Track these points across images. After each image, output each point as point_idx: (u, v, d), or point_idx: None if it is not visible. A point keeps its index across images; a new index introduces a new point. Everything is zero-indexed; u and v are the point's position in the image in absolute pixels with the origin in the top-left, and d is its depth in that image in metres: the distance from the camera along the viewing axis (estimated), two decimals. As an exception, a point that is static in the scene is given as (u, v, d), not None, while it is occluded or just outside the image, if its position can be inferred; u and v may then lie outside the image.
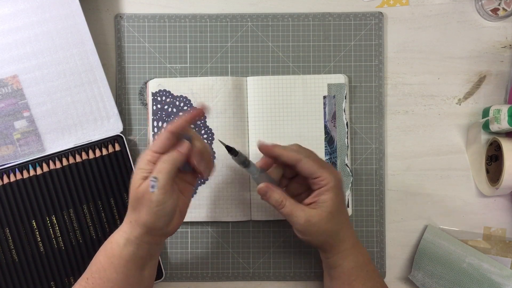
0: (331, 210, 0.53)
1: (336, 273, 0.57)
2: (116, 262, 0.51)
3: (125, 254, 0.51)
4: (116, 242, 0.52)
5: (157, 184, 0.49)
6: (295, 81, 0.66)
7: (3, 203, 0.63)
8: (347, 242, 0.56)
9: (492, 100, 0.68)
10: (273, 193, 0.55)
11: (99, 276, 0.52)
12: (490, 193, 0.65)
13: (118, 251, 0.51)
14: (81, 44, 0.64)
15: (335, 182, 0.54)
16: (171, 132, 0.51)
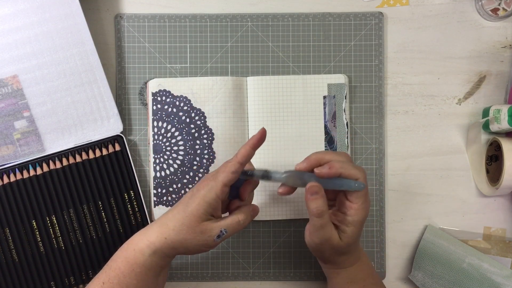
0: (349, 242, 0.53)
1: (331, 284, 0.58)
2: (138, 270, 0.51)
3: (148, 264, 0.52)
4: (141, 251, 0.52)
5: (222, 236, 0.51)
6: (295, 81, 0.66)
7: (3, 203, 0.63)
8: (347, 262, 0.56)
9: (492, 100, 0.68)
10: (321, 198, 0.52)
11: (118, 281, 0.52)
12: (490, 193, 0.65)
13: (142, 259, 0.52)
14: (81, 44, 0.64)
15: (363, 217, 0.53)
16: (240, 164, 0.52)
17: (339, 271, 0.56)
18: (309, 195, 0.52)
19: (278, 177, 0.54)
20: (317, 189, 0.51)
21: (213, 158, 0.65)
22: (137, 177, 0.65)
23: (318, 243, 0.53)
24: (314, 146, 0.66)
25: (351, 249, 0.55)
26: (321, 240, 0.53)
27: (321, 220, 0.52)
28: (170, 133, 0.65)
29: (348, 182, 0.52)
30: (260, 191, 0.65)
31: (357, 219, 0.52)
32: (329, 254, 0.54)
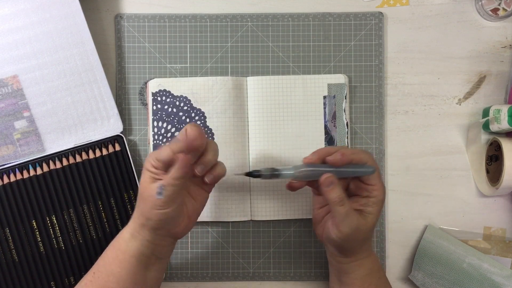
0: (375, 222, 0.54)
1: (349, 280, 0.56)
2: (121, 256, 0.52)
3: (129, 249, 0.52)
4: (123, 236, 0.52)
5: (164, 193, 0.49)
6: (295, 81, 0.66)
7: (3, 203, 0.63)
8: (366, 251, 0.56)
9: (492, 100, 0.68)
10: (337, 187, 0.51)
11: (104, 269, 0.52)
12: (490, 193, 0.65)
13: (124, 245, 0.52)
14: (81, 44, 0.64)
15: (383, 195, 0.54)
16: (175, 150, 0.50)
17: (361, 262, 0.56)
18: (325, 187, 0.52)
19: (289, 174, 0.53)
20: (332, 179, 0.52)
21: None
22: (137, 177, 0.65)
23: (349, 232, 0.52)
24: (314, 146, 0.66)
25: (372, 233, 0.56)
26: (351, 228, 0.52)
27: (345, 208, 0.52)
28: (170, 133, 0.65)
29: (361, 168, 0.53)
30: (260, 191, 0.65)
31: (380, 198, 0.54)
32: (359, 242, 0.54)
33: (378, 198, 0.54)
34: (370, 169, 0.53)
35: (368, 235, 0.55)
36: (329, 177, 0.52)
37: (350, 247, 0.55)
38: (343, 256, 0.56)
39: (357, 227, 0.52)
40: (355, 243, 0.54)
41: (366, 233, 0.54)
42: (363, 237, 0.54)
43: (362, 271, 0.56)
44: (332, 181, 0.52)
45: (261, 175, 0.54)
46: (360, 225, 0.53)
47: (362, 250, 0.56)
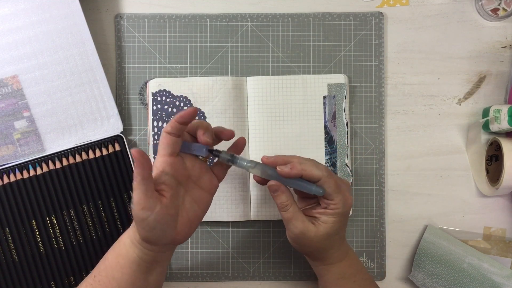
0: (329, 232, 0.53)
1: (323, 282, 0.58)
2: (122, 261, 0.51)
3: (130, 255, 0.51)
4: (123, 242, 0.52)
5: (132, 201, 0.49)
6: (295, 81, 0.66)
7: (3, 203, 0.63)
8: (334, 257, 0.56)
9: (492, 100, 0.68)
10: (282, 194, 0.54)
11: (105, 274, 0.52)
12: (490, 193, 0.65)
13: (124, 251, 0.52)
14: (81, 44, 0.64)
15: (344, 209, 0.54)
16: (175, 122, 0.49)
17: (329, 267, 0.56)
18: (272, 193, 0.54)
19: (242, 164, 0.54)
20: (276, 187, 0.53)
21: (213, 158, 0.65)
22: (137, 177, 0.65)
23: (294, 236, 0.54)
24: (314, 146, 0.66)
25: (336, 242, 0.55)
26: (294, 232, 0.53)
27: (288, 213, 0.53)
28: (170, 133, 0.65)
29: (307, 186, 0.53)
30: (260, 191, 0.65)
31: (338, 212, 0.53)
32: (313, 248, 0.55)
33: (336, 211, 0.53)
34: (319, 190, 0.53)
35: (325, 242, 0.54)
36: (272, 185, 0.53)
37: (306, 252, 0.56)
38: (310, 259, 0.58)
39: (302, 232, 0.53)
40: (310, 249, 0.55)
41: (318, 240, 0.53)
42: (316, 244, 0.54)
43: (332, 276, 0.56)
44: (277, 189, 0.53)
45: (219, 156, 0.54)
46: (307, 231, 0.53)
47: (327, 256, 0.56)
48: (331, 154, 0.66)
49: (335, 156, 0.66)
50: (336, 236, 0.55)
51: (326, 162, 0.66)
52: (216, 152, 0.54)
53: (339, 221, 0.54)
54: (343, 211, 0.54)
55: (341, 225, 0.54)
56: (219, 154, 0.54)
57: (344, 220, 0.55)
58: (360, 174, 0.67)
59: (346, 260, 0.57)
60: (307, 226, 0.53)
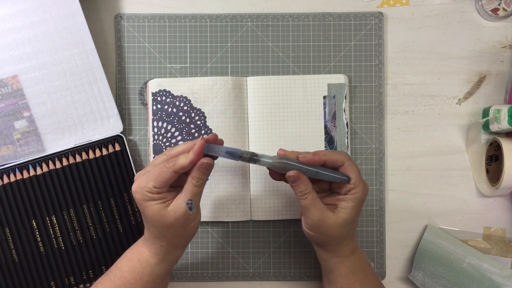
0: (347, 219, 0.54)
1: (333, 277, 0.57)
2: (146, 278, 0.54)
3: (156, 271, 0.54)
4: (147, 261, 0.54)
5: (193, 205, 0.52)
6: (295, 81, 0.66)
7: (3, 203, 0.63)
8: (347, 249, 0.56)
9: (492, 100, 0.68)
10: (302, 184, 0.53)
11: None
12: (490, 193, 0.65)
13: (149, 269, 0.54)
14: (81, 44, 0.64)
15: (363, 195, 0.54)
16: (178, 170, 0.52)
17: (342, 260, 0.56)
18: (291, 183, 0.54)
19: (266, 162, 0.54)
20: (295, 177, 0.53)
21: (213, 158, 0.65)
22: (137, 177, 0.65)
23: (312, 224, 0.54)
24: (314, 146, 0.66)
25: (351, 232, 0.56)
26: (313, 220, 0.54)
27: (307, 201, 0.53)
28: (170, 133, 0.65)
29: (333, 174, 0.54)
30: (260, 191, 0.65)
31: (357, 196, 0.54)
32: (330, 237, 0.55)
33: (355, 196, 0.54)
34: (345, 177, 0.54)
35: (343, 230, 0.54)
36: (291, 176, 0.53)
37: (323, 241, 0.56)
38: (324, 251, 0.57)
39: (321, 219, 0.53)
40: (327, 237, 0.55)
41: (336, 227, 0.54)
42: (335, 231, 0.54)
43: (345, 269, 0.56)
44: (295, 179, 0.53)
45: (241, 157, 0.54)
46: (326, 218, 0.53)
47: (341, 247, 0.56)
48: (331, 154, 0.66)
49: (335, 156, 0.66)
50: (353, 224, 0.55)
51: (326, 162, 0.66)
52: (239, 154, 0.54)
53: (357, 207, 0.54)
54: (362, 197, 0.54)
55: (358, 212, 0.55)
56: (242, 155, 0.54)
57: (360, 207, 0.55)
58: (360, 174, 0.67)
59: (357, 253, 0.57)
60: (326, 213, 0.53)
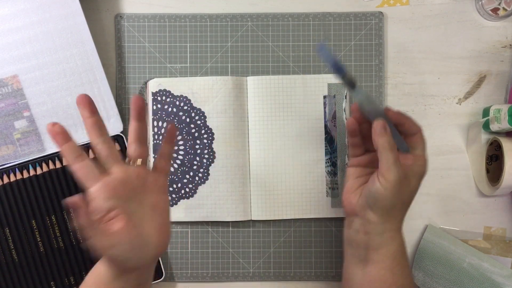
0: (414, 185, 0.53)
1: (379, 256, 0.54)
2: None
3: None
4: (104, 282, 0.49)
5: None
6: (295, 81, 0.66)
7: (3, 203, 0.63)
8: (397, 223, 0.54)
9: (492, 100, 0.68)
10: (389, 134, 0.51)
11: None
12: (490, 193, 0.65)
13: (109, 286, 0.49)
14: (81, 44, 0.64)
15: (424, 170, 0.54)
16: None
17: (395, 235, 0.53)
18: (378, 130, 0.51)
19: (360, 92, 0.52)
20: (384, 124, 0.51)
21: (213, 158, 0.65)
22: (137, 177, 0.65)
23: (395, 180, 0.51)
24: (314, 146, 0.66)
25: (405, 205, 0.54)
26: (396, 176, 0.51)
27: (394, 154, 0.51)
28: (170, 133, 0.65)
29: (400, 138, 0.54)
30: (260, 191, 0.65)
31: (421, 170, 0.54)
32: (400, 202, 0.53)
33: (419, 168, 0.53)
34: (407, 147, 0.54)
35: (409, 200, 0.54)
36: (382, 122, 0.51)
37: (392, 204, 0.52)
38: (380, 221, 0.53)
39: (404, 177, 0.51)
40: (398, 201, 0.52)
41: (408, 195, 0.53)
42: (405, 198, 0.53)
43: (394, 246, 0.54)
44: (385, 126, 0.51)
45: (345, 76, 0.51)
46: (405, 176, 0.52)
47: (399, 218, 0.54)
48: (331, 154, 0.66)
49: (335, 156, 0.66)
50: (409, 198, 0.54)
51: (326, 162, 0.66)
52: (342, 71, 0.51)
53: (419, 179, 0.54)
54: (424, 171, 0.54)
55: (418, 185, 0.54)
56: (345, 74, 0.51)
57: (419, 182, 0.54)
58: (360, 174, 0.67)
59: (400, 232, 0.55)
60: (403, 171, 0.52)
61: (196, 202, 0.65)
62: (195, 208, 0.65)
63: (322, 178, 0.66)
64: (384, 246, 0.54)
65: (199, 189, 0.65)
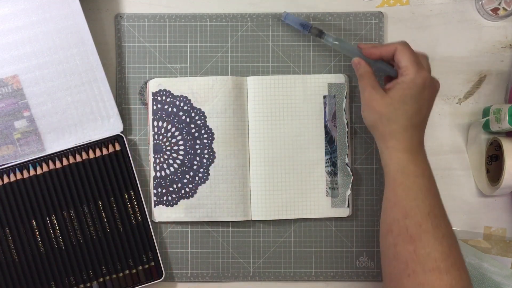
0: (393, 96, 0.56)
1: (385, 174, 0.57)
2: None
3: None
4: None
5: None
6: (295, 80, 0.66)
7: (3, 203, 0.63)
8: (398, 139, 0.56)
9: (492, 100, 0.68)
10: (362, 66, 0.59)
11: None
12: (490, 192, 0.65)
13: None
14: (81, 44, 0.64)
15: (414, 78, 0.55)
16: None
17: (391, 153, 0.56)
18: (354, 66, 0.60)
19: (329, 40, 0.62)
20: (357, 61, 0.60)
21: (213, 158, 0.65)
22: (137, 177, 0.65)
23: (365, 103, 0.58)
24: (314, 146, 0.66)
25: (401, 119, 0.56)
26: (365, 97, 0.58)
27: (366, 81, 0.58)
28: (170, 133, 0.65)
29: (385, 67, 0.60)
30: (260, 190, 0.65)
31: (405, 79, 0.55)
32: (377, 114, 0.57)
33: (403, 78, 0.56)
34: (394, 71, 0.59)
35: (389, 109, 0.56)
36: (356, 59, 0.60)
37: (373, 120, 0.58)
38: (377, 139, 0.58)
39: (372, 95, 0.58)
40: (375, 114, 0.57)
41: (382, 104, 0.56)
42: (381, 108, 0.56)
43: (393, 166, 0.56)
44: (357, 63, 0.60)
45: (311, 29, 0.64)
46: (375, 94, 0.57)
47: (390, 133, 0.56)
48: (332, 154, 0.66)
49: (335, 156, 0.66)
50: (403, 108, 0.55)
51: (326, 162, 0.66)
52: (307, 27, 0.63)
53: (407, 89, 0.55)
54: (412, 79, 0.55)
55: (409, 95, 0.55)
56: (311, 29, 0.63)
57: (413, 91, 0.55)
58: (360, 173, 0.67)
59: (413, 155, 0.56)
60: (378, 90, 0.57)
61: (196, 202, 0.65)
62: (195, 208, 0.65)
63: (322, 178, 0.66)
64: (386, 165, 0.57)
65: (199, 189, 0.65)
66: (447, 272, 0.50)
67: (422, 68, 0.56)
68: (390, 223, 0.54)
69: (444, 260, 0.51)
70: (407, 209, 0.53)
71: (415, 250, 0.51)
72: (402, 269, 0.52)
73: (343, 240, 0.67)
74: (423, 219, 0.52)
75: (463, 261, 0.52)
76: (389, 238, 0.54)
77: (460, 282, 0.50)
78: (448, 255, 0.51)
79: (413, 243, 0.52)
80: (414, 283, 0.51)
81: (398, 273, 0.52)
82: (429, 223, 0.52)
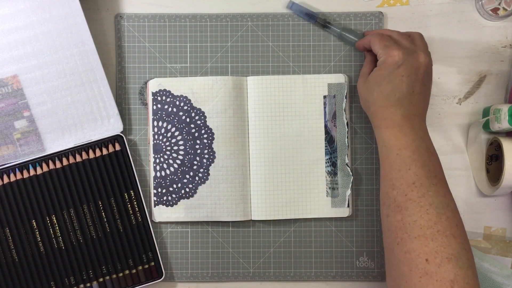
0: (370, 80, 0.59)
1: None
2: None
3: None
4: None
5: None
6: (295, 80, 0.66)
7: (3, 203, 0.63)
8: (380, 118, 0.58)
9: (492, 100, 0.68)
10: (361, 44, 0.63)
11: None
12: (490, 192, 0.65)
13: None
14: (81, 44, 0.64)
15: (384, 59, 0.58)
16: None
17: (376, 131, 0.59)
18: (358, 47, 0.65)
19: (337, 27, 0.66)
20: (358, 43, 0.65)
21: (213, 158, 0.65)
22: (137, 177, 0.65)
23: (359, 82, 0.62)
24: (314, 146, 0.66)
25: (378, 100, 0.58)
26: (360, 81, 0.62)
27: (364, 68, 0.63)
28: (170, 132, 0.65)
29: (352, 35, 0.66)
30: (260, 190, 0.65)
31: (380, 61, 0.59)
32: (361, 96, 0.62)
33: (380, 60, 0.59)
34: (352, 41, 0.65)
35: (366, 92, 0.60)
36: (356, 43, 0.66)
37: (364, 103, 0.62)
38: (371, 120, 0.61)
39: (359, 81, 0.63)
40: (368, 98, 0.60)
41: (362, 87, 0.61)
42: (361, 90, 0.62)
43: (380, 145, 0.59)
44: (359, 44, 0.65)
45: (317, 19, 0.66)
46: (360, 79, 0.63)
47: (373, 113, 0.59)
48: (331, 154, 0.66)
49: (335, 156, 0.66)
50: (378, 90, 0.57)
51: (326, 162, 0.66)
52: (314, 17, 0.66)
53: (379, 70, 0.58)
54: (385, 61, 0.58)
55: (383, 76, 0.57)
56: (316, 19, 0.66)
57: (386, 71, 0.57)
58: (360, 173, 0.67)
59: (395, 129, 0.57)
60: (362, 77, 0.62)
61: (196, 202, 0.65)
62: (195, 208, 0.65)
63: (322, 178, 0.66)
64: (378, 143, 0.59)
65: (199, 189, 0.65)
66: (432, 239, 0.51)
67: (393, 48, 0.57)
68: (383, 196, 0.57)
69: (430, 227, 0.52)
70: (393, 180, 0.55)
71: (402, 218, 0.53)
72: (393, 238, 0.54)
73: (343, 240, 0.67)
74: (408, 188, 0.54)
75: (457, 230, 0.52)
76: (384, 211, 0.56)
77: (448, 248, 0.50)
78: (435, 222, 0.52)
79: (400, 212, 0.54)
80: (402, 250, 0.52)
81: (391, 242, 0.54)
82: (414, 192, 0.54)
